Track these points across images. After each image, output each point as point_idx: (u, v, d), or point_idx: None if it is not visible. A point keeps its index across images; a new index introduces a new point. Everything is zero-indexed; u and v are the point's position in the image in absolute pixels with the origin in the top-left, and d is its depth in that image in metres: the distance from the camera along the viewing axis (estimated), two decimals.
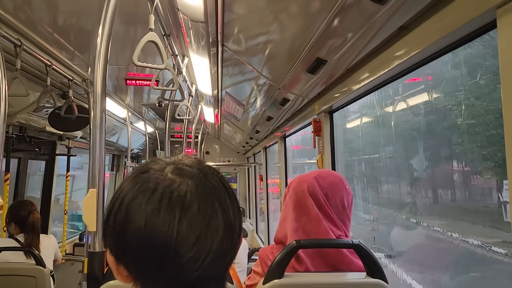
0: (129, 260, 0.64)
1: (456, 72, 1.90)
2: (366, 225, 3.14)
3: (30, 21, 2.29)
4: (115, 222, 0.64)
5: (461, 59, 1.76)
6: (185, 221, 0.59)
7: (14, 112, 3.30)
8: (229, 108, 4.58)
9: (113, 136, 5.77)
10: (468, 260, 1.90)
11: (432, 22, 1.28)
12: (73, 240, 5.30)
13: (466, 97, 1.86)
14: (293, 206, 1.49)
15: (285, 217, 1.51)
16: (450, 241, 1.89)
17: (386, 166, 2.86)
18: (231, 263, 0.68)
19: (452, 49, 1.34)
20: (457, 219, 2.05)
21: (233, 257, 0.67)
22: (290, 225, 1.47)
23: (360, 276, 1.41)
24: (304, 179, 1.51)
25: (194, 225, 0.60)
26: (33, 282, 2.67)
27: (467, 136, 1.91)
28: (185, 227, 0.59)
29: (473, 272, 1.95)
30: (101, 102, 1.39)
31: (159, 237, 0.59)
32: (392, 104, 2.49)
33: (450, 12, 1.18)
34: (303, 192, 1.48)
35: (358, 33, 1.57)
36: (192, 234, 0.59)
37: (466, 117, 1.87)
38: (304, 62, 2.02)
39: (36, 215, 3.02)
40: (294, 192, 1.50)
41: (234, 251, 0.66)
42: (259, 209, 7.59)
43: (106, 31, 1.39)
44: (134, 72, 3.47)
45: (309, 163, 5.14)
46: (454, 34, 1.20)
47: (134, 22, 2.32)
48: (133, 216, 0.62)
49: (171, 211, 0.60)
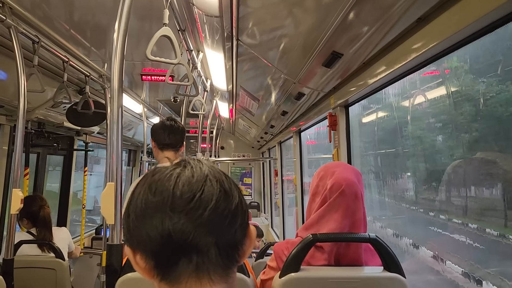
0: (137, 235, 0.68)
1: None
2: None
3: (47, 18, 2.32)
4: (127, 209, 0.71)
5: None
6: (180, 184, 0.67)
7: (32, 108, 3.36)
8: (244, 103, 4.58)
9: (129, 131, 5.83)
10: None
11: (451, 13, 1.25)
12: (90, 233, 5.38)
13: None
14: (340, 207, 1.44)
15: (323, 216, 1.46)
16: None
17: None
18: (235, 238, 0.69)
19: (472, 40, 1.31)
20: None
21: (236, 230, 0.69)
22: (336, 226, 1.43)
23: (377, 271, 1.40)
24: (352, 181, 1.46)
25: (189, 186, 0.67)
26: (53, 274, 2.73)
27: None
28: (180, 187, 0.67)
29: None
30: (118, 98, 1.39)
31: (159, 196, 0.67)
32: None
33: (470, 2, 1.15)
34: (356, 196, 1.45)
35: (375, 26, 1.55)
36: (187, 193, 0.66)
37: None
38: (319, 55, 2.00)
39: (47, 210, 3.07)
40: (341, 195, 1.44)
41: (234, 221, 0.68)
42: (274, 203, 7.59)
43: (122, 27, 1.40)
44: (149, 68, 3.50)
45: (324, 157, 5.12)
46: (474, 25, 1.17)
47: (150, 18, 2.33)
48: (139, 189, 0.71)
49: (169, 178, 0.69)
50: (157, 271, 0.68)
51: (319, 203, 1.50)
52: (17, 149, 2.16)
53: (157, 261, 0.67)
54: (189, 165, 0.71)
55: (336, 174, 1.49)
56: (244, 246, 0.71)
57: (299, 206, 4.29)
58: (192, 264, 0.66)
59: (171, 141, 2.51)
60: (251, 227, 0.73)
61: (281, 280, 1.33)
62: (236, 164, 9.27)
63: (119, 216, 1.34)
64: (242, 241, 0.71)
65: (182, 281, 0.66)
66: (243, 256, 0.71)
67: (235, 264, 0.71)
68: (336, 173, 1.49)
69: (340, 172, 1.49)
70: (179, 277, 0.66)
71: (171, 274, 0.66)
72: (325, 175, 1.53)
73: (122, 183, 1.38)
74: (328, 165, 1.60)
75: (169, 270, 0.66)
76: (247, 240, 0.72)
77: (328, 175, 1.52)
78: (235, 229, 0.68)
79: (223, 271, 0.68)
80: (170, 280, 0.67)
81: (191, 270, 0.66)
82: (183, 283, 0.66)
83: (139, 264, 0.69)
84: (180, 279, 0.66)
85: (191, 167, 0.70)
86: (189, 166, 0.71)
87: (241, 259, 0.71)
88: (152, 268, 0.68)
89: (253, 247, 0.76)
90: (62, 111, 3.67)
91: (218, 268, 0.67)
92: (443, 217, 2.06)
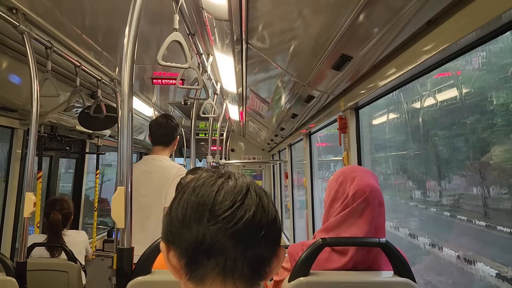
0: (175, 232, 0.72)
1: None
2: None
3: (59, 23, 2.35)
4: (170, 207, 0.76)
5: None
6: (222, 192, 0.71)
7: (45, 112, 3.41)
8: (254, 106, 4.59)
9: (140, 134, 5.87)
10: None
11: (461, 15, 1.24)
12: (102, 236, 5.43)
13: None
14: (363, 213, 1.43)
15: (345, 220, 1.45)
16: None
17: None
18: (264, 253, 0.71)
19: (482, 43, 1.30)
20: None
21: (267, 246, 0.71)
22: (358, 231, 1.42)
23: (387, 275, 1.39)
24: (375, 188, 1.46)
25: (230, 195, 0.70)
26: (66, 276, 2.76)
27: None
28: (222, 194, 0.70)
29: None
30: (128, 101, 1.40)
31: (201, 198, 0.71)
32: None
33: (480, 5, 1.14)
34: (379, 203, 1.45)
35: (384, 28, 1.55)
36: (228, 200, 0.69)
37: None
38: (329, 58, 1.99)
39: (56, 215, 3.11)
40: (365, 201, 1.43)
41: (266, 236, 0.70)
42: (284, 206, 7.58)
43: (132, 32, 1.41)
44: (160, 71, 3.53)
45: (335, 160, 5.10)
46: (485, 27, 1.16)
47: (160, 22, 2.35)
48: (183, 190, 0.75)
49: (213, 185, 0.72)
50: (186, 270, 0.71)
51: (340, 208, 1.48)
52: (30, 153, 2.19)
53: (188, 260, 0.70)
54: (233, 176, 0.75)
55: (357, 180, 1.48)
56: (272, 264, 0.73)
57: (310, 208, 4.27)
58: (219, 267, 0.68)
59: (160, 137, 2.85)
60: (282, 249, 0.75)
61: (290, 285, 1.32)
62: (246, 167, 9.27)
63: (129, 220, 1.35)
64: (271, 258, 0.73)
65: (207, 281, 0.69)
66: (270, 274, 0.73)
67: (261, 279, 0.72)
68: (357, 179, 1.49)
69: (361, 178, 1.49)
70: (205, 277, 0.69)
71: (198, 274, 0.69)
72: (344, 181, 1.52)
73: (132, 186, 1.38)
74: (346, 170, 1.59)
75: (197, 270, 0.69)
76: (275, 259, 0.74)
77: (348, 180, 1.51)
78: (265, 244, 0.71)
79: (248, 281, 0.70)
80: (196, 280, 0.70)
81: (217, 272, 0.69)
82: (208, 284, 0.69)
83: (171, 262, 0.73)
84: (206, 280, 0.69)
85: (235, 179, 0.74)
86: (233, 177, 0.75)
87: (268, 276, 0.73)
88: (182, 266, 0.71)
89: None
90: (74, 115, 3.72)
91: (243, 277, 0.69)
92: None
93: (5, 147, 3.36)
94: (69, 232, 3.23)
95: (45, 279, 2.72)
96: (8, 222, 3.31)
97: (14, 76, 2.78)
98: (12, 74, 2.76)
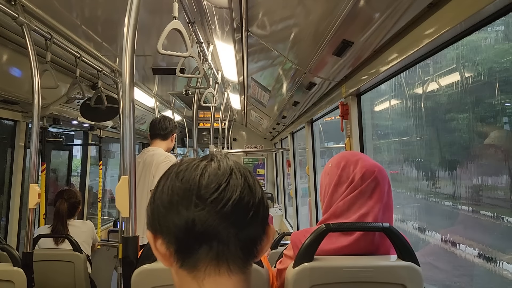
0: (161, 220, 0.70)
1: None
2: None
3: (59, 14, 2.34)
4: (153, 195, 0.74)
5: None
6: (206, 174, 0.69)
7: (47, 104, 3.41)
8: (255, 94, 4.57)
9: (142, 125, 5.87)
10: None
11: None
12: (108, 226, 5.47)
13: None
14: (373, 193, 1.43)
15: (354, 202, 1.44)
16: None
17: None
18: (255, 232, 0.71)
19: (485, 25, 1.29)
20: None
21: (257, 225, 0.71)
22: (368, 210, 1.41)
23: (391, 259, 1.39)
24: (382, 168, 1.47)
25: (215, 177, 0.69)
26: (71, 266, 2.79)
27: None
28: (207, 177, 0.69)
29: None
30: (129, 92, 1.40)
31: (186, 183, 0.69)
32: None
33: None
34: (388, 182, 1.46)
35: (385, 13, 1.53)
36: (213, 182, 0.68)
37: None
38: (330, 44, 1.98)
39: (62, 203, 3.15)
40: (375, 181, 1.43)
41: (256, 216, 0.70)
42: (287, 194, 7.60)
43: (132, 21, 1.40)
44: (161, 62, 3.51)
45: (337, 147, 5.10)
46: (488, 8, 1.15)
47: (160, 11, 2.33)
48: (165, 177, 0.74)
49: (196, 168, 0.71)
50: (177, 257, 0.69)
51: (347, 192, 1.47)
52: (33, 145, 2.19)
53: (178, 247, 0.69)
54: (216, 158, 0.73)
55: (361, 162, 1.48)
56: (263, 243, 0.73)
57: (312, 196, 4.28)
58: (213, 251, 0.67)
59: (158, 130, 3.30)
60: (271, 226, 0.75)
61: (294, 270, 1.33)
62: (249, 156, 9.29)
63: (133, 209, 1.35)
64: (261, 237, 0.72)
65: (201, 268, 0.68)
66: (261, 252, 0.73)
67: (253, 259, 0.72)
68: (361, 161, 1.48)
69: (365, 160, 1.49)
70: (199, 264, 0.68)
71: (191, 260, 0.68)
72: (347, 165, 1.51)
73: (135, 176, 1.39)
74: (346, 155, 1.57)
75: (189, 257, 0.68)
76: (265, 238, 0.73)
77: (351, 164, 1.50)
78: (256, 224, 0.70)
79: (242, 262, 0.70)
80: (189, 266, 0.69)
81: (211, 257, 0.67)
82: (202, 270, 0.68)
83: (159, 250, 0.71)
84: (199, 266, 0.68)
85: (217, 160, 0.73)
86: (216, 159, 0.73)
87: (259, 255, 0.73)
88: (172, 254, 0.70)
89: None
90: (76, 107, 3.72)
91: (237, 259, 0.69)
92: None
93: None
94: (75, 222, 3.26)
95: (51, 269, 2.75)
96: (14, 214, 3.34)
97: (15, 68, 2.78)
98: (12, 66, 2.75)
